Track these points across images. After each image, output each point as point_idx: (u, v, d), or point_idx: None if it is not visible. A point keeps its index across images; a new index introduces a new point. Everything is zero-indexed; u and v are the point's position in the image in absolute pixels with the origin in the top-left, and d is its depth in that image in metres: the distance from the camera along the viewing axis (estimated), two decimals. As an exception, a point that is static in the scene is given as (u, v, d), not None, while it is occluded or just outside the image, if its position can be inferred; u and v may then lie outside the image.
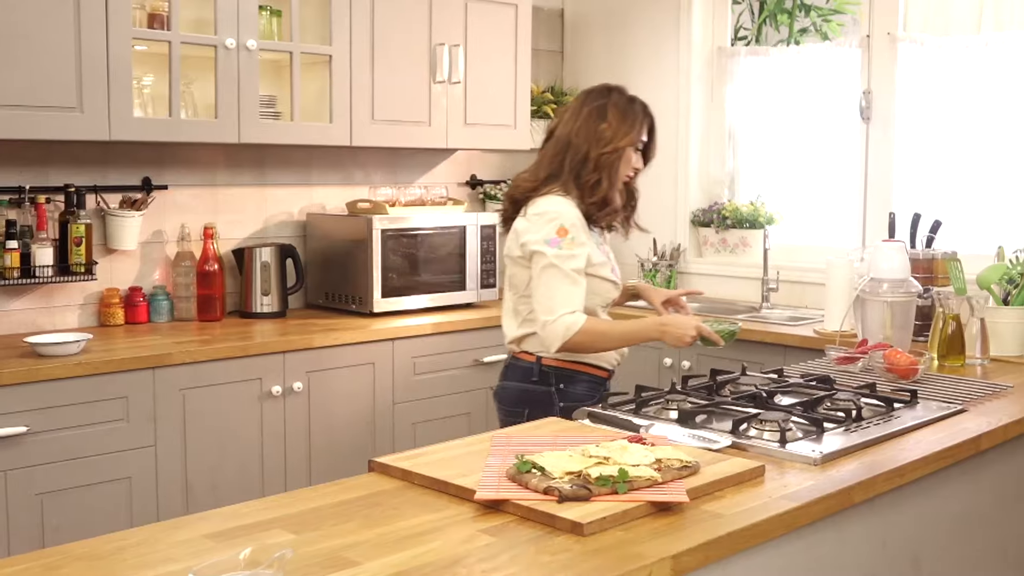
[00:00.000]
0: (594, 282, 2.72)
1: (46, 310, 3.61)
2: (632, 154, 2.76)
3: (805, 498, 1.83)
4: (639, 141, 2.77)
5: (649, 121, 2.82)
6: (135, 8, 3.44)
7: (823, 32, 4.70)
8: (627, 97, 2.80)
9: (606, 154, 2.71)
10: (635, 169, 2.80)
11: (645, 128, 2.79)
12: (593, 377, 2.78)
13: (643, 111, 2.81)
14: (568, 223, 2.65)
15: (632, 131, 2.75)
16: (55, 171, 3.60)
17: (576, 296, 2.62)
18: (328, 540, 1.61)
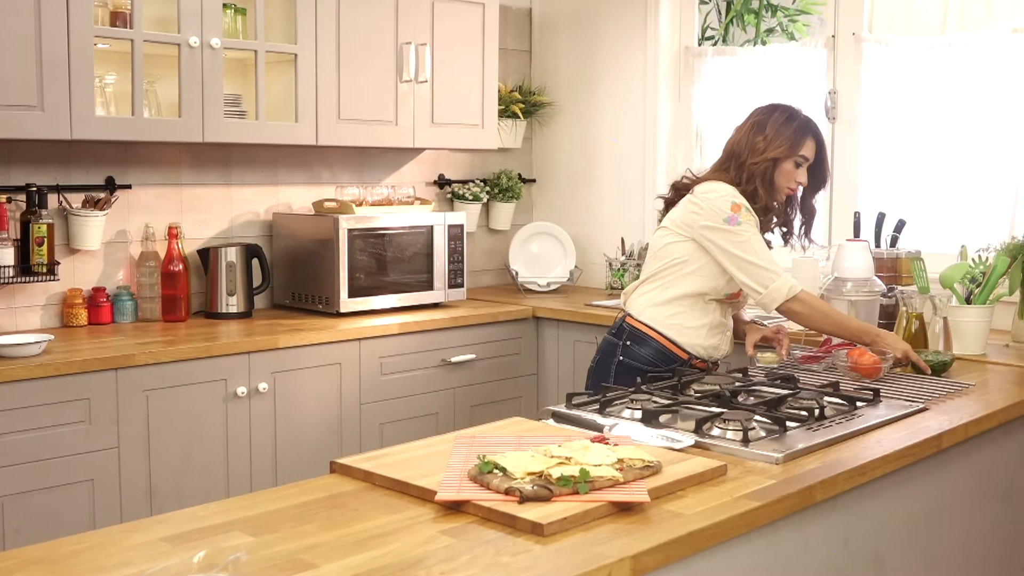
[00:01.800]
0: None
1: (7, 311, 3.57)
2: (790, 167, 2.94)
3: (766, 497, 1.83)
4: (796, 155, 2.93)
5: (810, 136, 2.97)
6: (97, 6, 3.40)
7: (789, 32, 4.72)
8: (789, 113, 2.98)
9: (757, 163, 2.93)
10: (798, 183, 2.96)
11: (804, 143, 2.95)
12: (662, 348, 2.97)
13: (803, 126, 2.96)
14: (738, 199, 2.90)
15: (785, 144, 2.92)
16: (16, 170, 3.56)
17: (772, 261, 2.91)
18: (286, 542, 1.60)
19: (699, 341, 2.98)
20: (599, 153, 4.94)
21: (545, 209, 5.16)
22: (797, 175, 2.95)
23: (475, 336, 4.14)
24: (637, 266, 4.69)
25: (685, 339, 2.98)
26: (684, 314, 2.97)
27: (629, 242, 4.76)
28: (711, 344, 3.00)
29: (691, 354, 2.98)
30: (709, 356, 3.02)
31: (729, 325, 3.08)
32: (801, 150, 2.95)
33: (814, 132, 2.99)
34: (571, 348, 4.26)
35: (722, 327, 3.04)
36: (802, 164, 2.95)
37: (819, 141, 2.99)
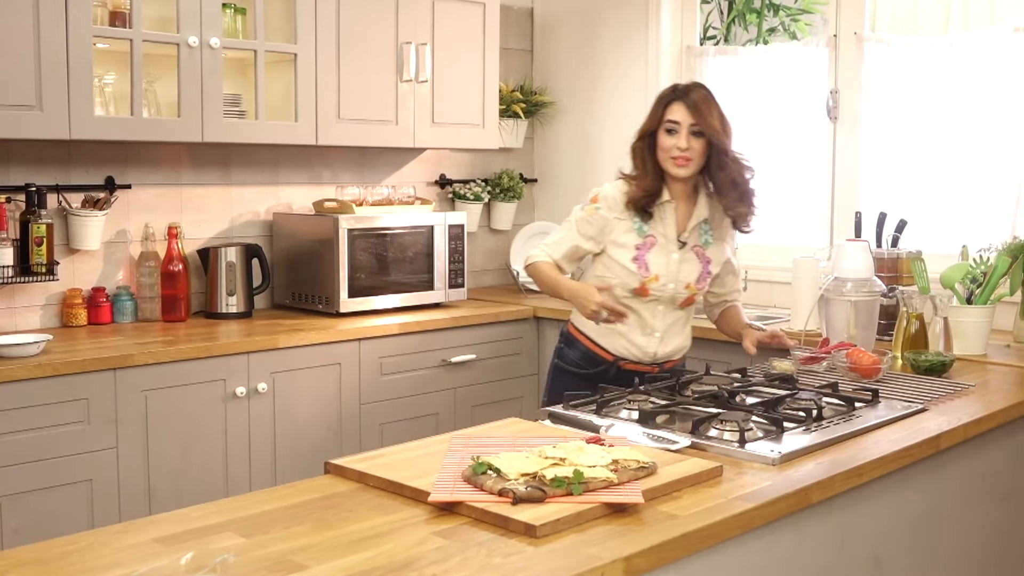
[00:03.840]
0: (609, 261, 2.93)
1: (7, 311, 3.57)
2: (663, 137, 2.85)
3: (762, 498, 1.82)
4: (665, 120, 2.85)
5: (676, 101, 2.86)
6: (96, 6, 3.40)
7: (791, 32, 4.71)
8: (671, 86, 2.94)
9: (637, 145, 2.92)
10: (680, 149, 2.82)
11: (669, 108, 2.85)
12: (587, 350, 2.98)
13: (667, 94, 2.90)
14: (602, 194, 2.94)
15: (654, 116, 2.88)
16: (16, 170, 3.56)
17: (563, 244, 2.98)
18: (278, 543, 1.60)
19: (623, 342, 2.94)
20: (601, 153, 4.92)
21: (547, 209, 5.15)
22: (676, 141, 2.82)
23: (476, 336, 4.13)
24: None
25: (608, 340, 2.95)
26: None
27: (630, 242, 4.74)
28: (640, 345, 2.94)
29: (616, 355, 2.95)
30: (641, 358, 2.95)
31: (665, 327, 2.96)
32: (668, 116, 2.85)
33: (680, 97, 2.87)
34: (572, 348, 4.25)
35: (649, 328, 2.95)
36: (675, 130, 2.83)
37: (690, 105, 2.83)
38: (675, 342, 2.99)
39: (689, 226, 2.92)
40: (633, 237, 2.90)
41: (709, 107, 2.84)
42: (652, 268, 2.88)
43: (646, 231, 2.90)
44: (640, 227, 2.90)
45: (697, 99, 2.84)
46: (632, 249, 2.89)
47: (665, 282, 2.90)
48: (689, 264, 2.93)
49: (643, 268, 2.88)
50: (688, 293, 2.94)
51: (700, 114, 2.82)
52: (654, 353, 2.95)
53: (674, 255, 2.91)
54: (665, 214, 2.91)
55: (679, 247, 2.92)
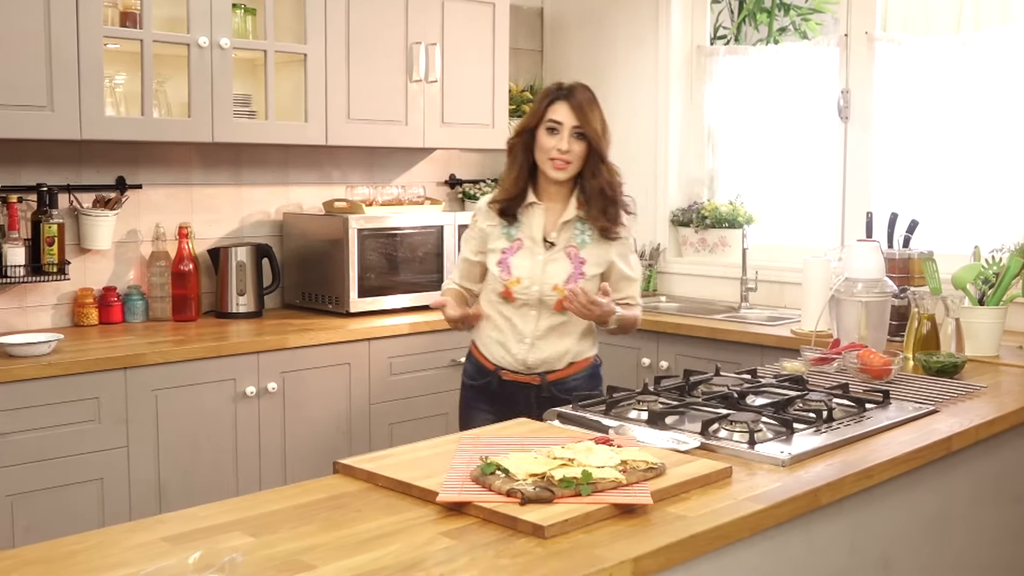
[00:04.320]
0: (487, 267, 2.88)
1: (18, 310, 3.58)
2: (543, 136, 2.75)
3: (771, 500, 1.81)
4: (547, 119, 2.74)
5: (559, 100, 2.77)
6: (107, 6, 3.41)
7: (802, 31, 4.70)
8: (556, 83, 2.83)
9: (511, 141, 2.84)
10: (560, 151, 2.73)
11: (551, 107, 2.76)
12: (477, 361, 2.91)
13: (550, 92, 2.80)
14: (478, 207, 2.92)
15: (535, 114, 2.78)
16: (27, 170, 3.57)
17: (459, 265, 2.96)
18: (286, 543, 1.59)
19: (500, 351, 2.84)
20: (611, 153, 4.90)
21: (557, 209, 5.13)
22: (557, 142, 2.73)
23: (485, 336, 4.12)
24: (649, 266, 4.68)
25: (489, 349, 2.87)
26: (486, 321, 2.87)
27: (640, 242, 4.74)
28: (513, 352, 2.82)
29: (496, 365, 2.85)
30: (516, 367, 2.83)
31: (538, 333, 2.81)
32: (550, 115, 2.74)
33: (566, 96, 2.76)
34: (582, 348, 4.24)
35: (520, 335, 2.82)
36: (557, 130, 2.73)
37: (575, 105, 2.74)
38: (550, 349, 2.82)
39: (557, 225, 2.81)
40: (502, 242, 2.83)
41: (593, 110, 2.77)
42: (515, 271, 2.79)
43: (513, 235, 2.83)
44: (508, 232, 2.83)
45: (582, 100, 2.76)
46: (499, 254, 2.83)
47: (528, 284, 2.79)
48: (557, 265, 2.80)
49: (505, 271, 2.80)
50: (557, 295, 2.77)
51: (584, 116, 2.74)
52: (524, 360, 2.81)
53: (539, 256, 2.80)
54: (532, 216, 2.83)
55: (546, 248, 2.81)
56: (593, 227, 2.81)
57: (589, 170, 2.78)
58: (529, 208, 2.83)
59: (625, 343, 4.07)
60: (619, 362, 4.10)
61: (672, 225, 4.73)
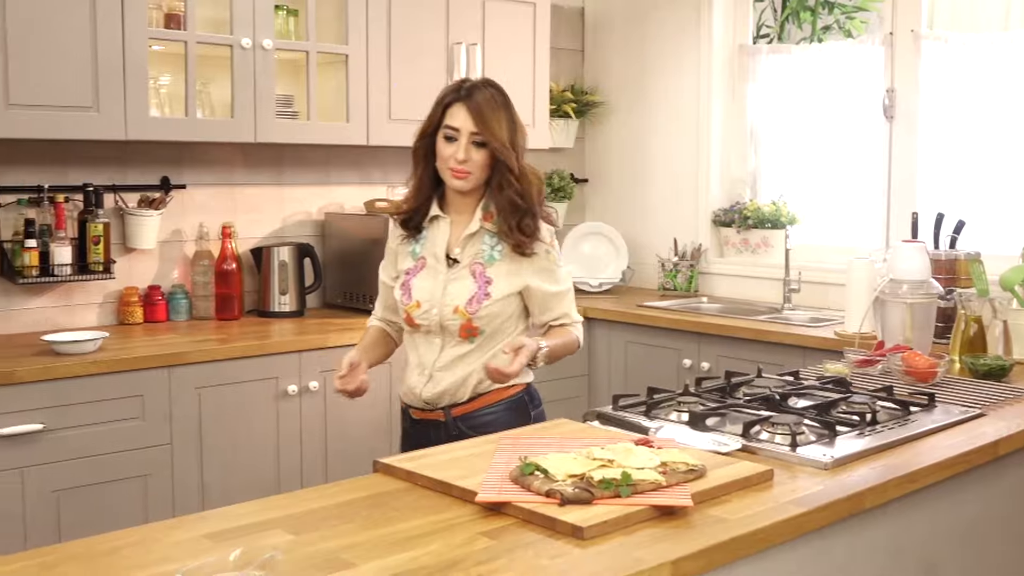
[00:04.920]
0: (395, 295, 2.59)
1: (65, 308, 3.63)
2: (442, 144, 2.45)
3: (813, 503, 1.79)
4: (444, 125, 2.44)
5: (457, 102, 2.45)
6: (151, 8, 3.45)
7: (846, 30, 4.65)
8: (456, 82, 2.52)
9: (415, 145, 2.54)
10: (459, 161, 2.42)
11: (449, 111, 2.44)
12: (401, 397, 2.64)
13: (448, 93, 2.49)
14: (390, 225, 2.64)
15: (432, 117, 2.49)
16: (73, 170, 3.62)
17: (380, 295, 2.68)
18: (326, 541, 1.60)
19: (404, 386, 2.59)
20: (652, 153, 4.90)
21: (597, 209, 5.13)
22: (454, 151, 2.42)
23: (525, 336, 4.12)
24: (690, 267, 4.65)
25: (401, 384, 2.62)
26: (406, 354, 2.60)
27: (682, 243, 4.72)
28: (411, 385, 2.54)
29: (405, 402, 2.59)
30: (415, 402, 2.55)
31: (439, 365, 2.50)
32: (447, 120, 2.43)
33: (464, 98, 2.44)
34: (623, 349, 4.24)
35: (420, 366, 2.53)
36: (454, 137, 2.42)
37: (473, 109, 2.41)
38: (448, 380, 2.48)
39: (460, 238, 2.50)
40: (407, 262, 2.55)
41: (496, 112, 2.43)
42: (415, 294, 2.50)
43: (418, 253, 2.54)
44: (413, 250, 2.55)
45: (482, 102, 2.43)
46: (403, 276, 2.55)
47: (427, 308, 2.47)
48: (458, 284, 2.47)
49: (406, 295, 2.51)
50: (460, 319, 2.45)
51: (484, 121, 2.41)
52: (420, 395, 2.51)
53: (440, 276, 2.49)
54: (437, 231, 2.53)
55: (449, 265, 2.50)
56: (505, 242, 2.48)
57: (496, 182, 2.46)
58: (434, 222, 2.54)
59: (666, 344, 4.06)
60: (659, 363, 4.09)
61: (714, 225, 4.70)
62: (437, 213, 2.53)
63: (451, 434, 2.45)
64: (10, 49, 3.13)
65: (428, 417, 2.52)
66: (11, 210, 3.49)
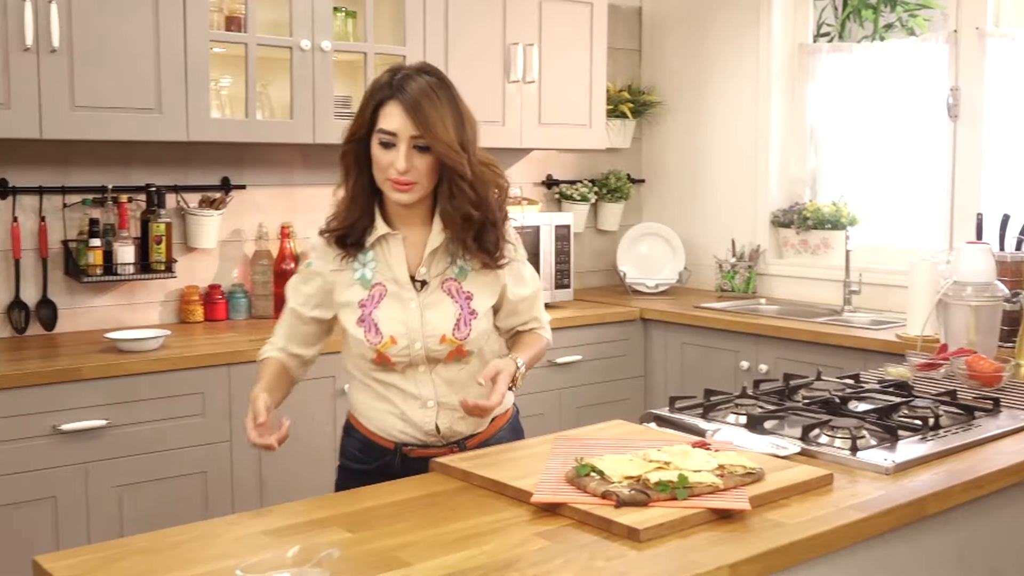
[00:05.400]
0: (343, 326, 2.18)
1: (128, 307, 3.70)
2: (377, 151, 2.04)
3: (874, 508, 1.76)
4: (377, 130, 2.03)
5: (390, 101, 2.02)
6: (213, 11, 3.49)
7: (909, 27, 4.56)
8: (386, 71, 2.10)
9: (343, 149, 2.12)
10: (399, 172, 2.01)
11: (381, 111, 2.03)
12: (366, 439, 2.21)
13: (378, 86, 2.07)
14: (311, 244, 2.22)
15: (361, 117, 2.07)
16: (136, 171, 3.68)
17: (282, 326, 2.27)
18: (382, 539, 1.61)
19: (398, 423, 2.16)
20: (710, 153, 4.86)
21: (654, 209, 5.11)
22: (392, 159, 2.01)
23: (581, 337, 4.12)
24: (748, 268, 4.61)
25: (382, 421, 2.18)
26: (363, 390, 2.23)
27: (740, 243, 4.67)
28: (417, 422, 2.15)
29: (397, 441, 2.17)
30: (425, 439, 2.16)
31: (442, 393, 2.15)
32: (381, 123, 2.02)
33: (397, 93, 2.01)
34: (679, 351, 4.21)
35: (419, 400, 2.15)
36: (392, 143, 2.01)
37: (409, 106, 1.99)
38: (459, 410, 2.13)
39: (424, 256, 2.12)
40: (358, 292, 2.13)
41: (437, 107, 2.02)
42: (385, 328, 2.09)
43: (371, 279, 2.12)
44: (363, 275, 2.13)
45: (419, 97, 2.01)
46: (356, 309, 2.12)
47: (407, 344, 2.10)
48: (438, 310, 2.12)
49: (372, 331, 2.10)
50: (448, 348, 2.12)
51: (425, 122, 2.00)
52: (434, 430, 2.15)
53: (412, 303, 2.11)
54: (390, 251, 2.12)
55: (417, 290, 2.13)
56: None
57: (444, 188, 2.07)
58: (384, 241, 2.13)
59: (723, 345, 4.02)
60: (716, 365, 4.05)
61: (772, 226, 4.65)
62: (385, 231, 2.12)
63: None
64: (76, 53, 3.19)
65: (434, 453, 2.11)
66: (76, 210, 3.56)
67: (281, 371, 2.25)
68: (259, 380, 2.19)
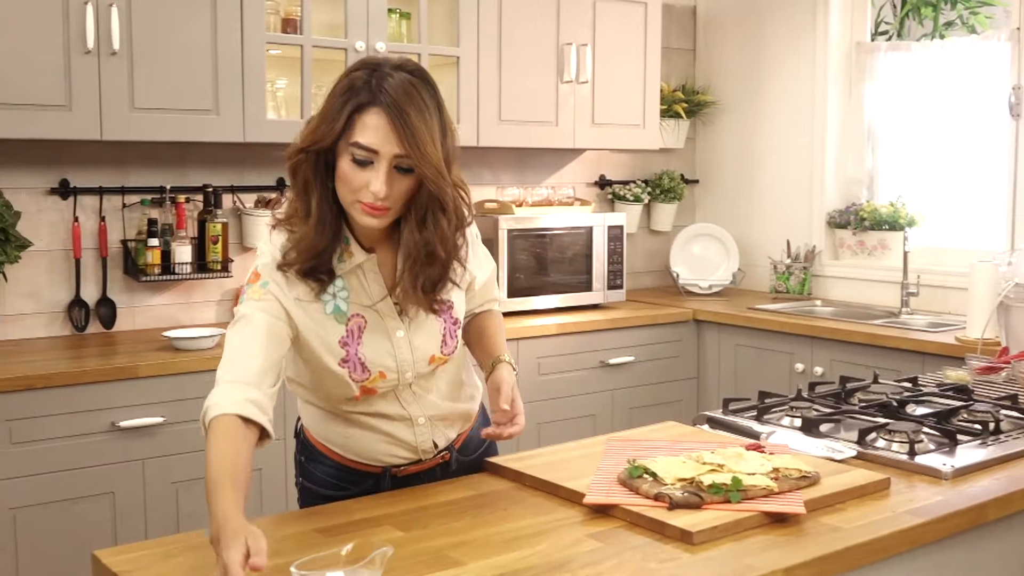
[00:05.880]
0: (306, 370, 1.88)
1: (185, 305, 3.75)
2: (346, 166, 1.70)
3: (933, 514, 1.74)
4: (352, 142, 1.69)
5: (364, 102, 1.69)
6: (269, 13, 3.53)
7: (970, 25, 4.48)
8: (358, 67, 1.76)
9: (295, 160, 1.75)
10: (373, 193, 1.69)
11: (358, 119, 1.68)
12: (340, 466, 1.97)
13: (354, 85, 1.72)
14: (263, 264, 1.79)
15: (323, 121, 1.72)
16: (193, 172, 3.73)
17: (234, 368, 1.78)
18: (434, 539, 1.62)
19: (384, 447, 1.93)
20: (765, 153, 4.81)
21: (708, 210, 5.07)
22: (368, 180, 1.68)
23: (634, 338, 4.10)
24: (804, 269, 4.56)
25: (363, 446, 1.94)
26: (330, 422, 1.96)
27: (795, 245, 4.62)
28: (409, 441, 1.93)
29: (386, 464, 1.94)
30: (421, 456, 1.96)
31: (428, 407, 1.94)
32: (358, 135, 1.68)
33: (379, 99, 1.68)
34: (733, 352, 4.17)
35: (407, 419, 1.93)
36: (368, 161, 1.68)
37: (396, 115, 1.67)
38: (450, 413, 1.99)
39: (400, 274, 1.82)
40: (332, 327, 1.80)
41: (426, 120, 1.70)
42: (372, 365, 1.83)
43: (345, 311, 1.81)
44: (336, 308, 1.81)
45: (405, 104, 1.68)
46: (338, 348, 1.80)
47: (396, 376, 1.86)
48: (423, 331, 1.87)
49: (358, 370, 1.82)
50: (435, 365, 1.91)
51: (412, 138, 1.67)
52: (431, 443, 1.95)
53: (399, 332, 1.85)
54: (365, 276, 1.83)
55: (399, 313, 1.85)
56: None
57: (415, 215, 1.76)
58: (357, 268, 1.82)
59: (777, 347, 3.98)
60: (770, 367, 4.01)
61: (828, 227, 4.59)
62: (364, 258, 1.82)
63: (450, 472, 1.99)
64: (135, 55, 3.24)
65: (427, 467, 1.97)
66: (135, 210, 3.61)
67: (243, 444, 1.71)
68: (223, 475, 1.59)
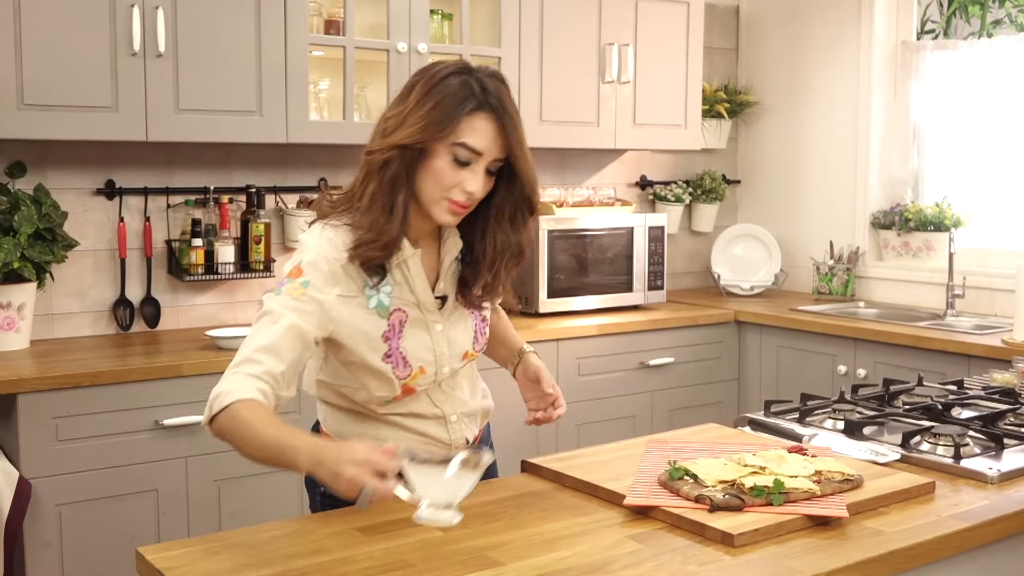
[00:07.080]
0: (357, 363, 1.83)
1: (228, 305, 3.78)
2: (443, 164, 1.74)
3: (978, 518, 1.71)
4: (459, 142, 1.73)
5: (484, 110, 1.74)
6: (312, 15, 3.55)
7: (1019, 23, 4.42)
8: (452, 70, 1.77)
9: (382, 155, 1.76)
10: (467, 193, 1.75)
11: (465, 120, 1.73)
12: None
13: (467, 89, 1.74)
14: (308, 260, 1.78)
15: (430, 121, 1.72)
16: (237, 172, 3.76)
17: (265, 354, 1.76)
18: (474, 539, 1.62)
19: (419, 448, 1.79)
20: (808, 153, 4.77)
21: (750, 211, 5.03)
22: (466, 180, 1.74)
23: (674, 339, 4.08)
24: (847, 270, 4.51)
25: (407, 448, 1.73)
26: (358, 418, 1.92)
27: (838, 245, 4.58)
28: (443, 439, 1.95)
29: None
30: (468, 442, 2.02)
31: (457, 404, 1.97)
32: (466, 136, 1.73)
33: (489, 104, 1.74)
34: (774, 354, 4.14)
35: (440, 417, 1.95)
36: (472, 161, 1.74)
37: (503, 122, 1.74)
38: (474, 405, 2.02)
39: (442, 270, 1.88)
40: (375, 321, 1.81)
41: (519, 125, 1.78)
42: (413, 360, 1.84)
43: (388, 306, 1.82)
44: (379, 302, 1.81)
45: (508, 106, 1.76)
46: (380, 343, 1.81)
47: (434, 371, 1.87)
48: (458, 326, 1.91)
49: (401, 366, 1.83)
50: (467, 361, 1.96)
51: (519, 142, 1.76)
52: (462, 439, 1.98)
53: (438, 326, 1.87)
54: (410, 271, 1.84)
55: (439, 308, 1.88)
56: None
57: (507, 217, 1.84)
58: (405, 263, 1.84)
59: (820, 349, 3.95)
60: (813, 368, 3.98)
61: (873, 228, 4.54)
62: (412, 252, 1.84)
63: None
64: (180, 57, 3.28)
65: None
66: (179, 210, 3.65)
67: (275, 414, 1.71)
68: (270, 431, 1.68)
